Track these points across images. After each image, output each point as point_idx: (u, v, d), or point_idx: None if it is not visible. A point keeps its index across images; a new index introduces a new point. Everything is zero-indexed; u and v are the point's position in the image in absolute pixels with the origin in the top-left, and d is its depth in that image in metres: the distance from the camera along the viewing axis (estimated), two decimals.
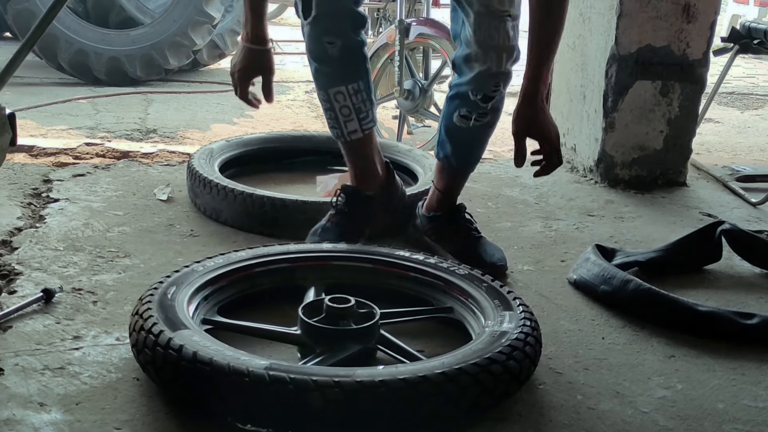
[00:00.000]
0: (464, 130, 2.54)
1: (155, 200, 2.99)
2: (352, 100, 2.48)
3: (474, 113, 2.51)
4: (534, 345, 1.92)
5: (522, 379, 1.86)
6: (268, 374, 1.68)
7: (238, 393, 1.69)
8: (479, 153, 2.66)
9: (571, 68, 3.67)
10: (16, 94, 5.65)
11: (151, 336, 1.81)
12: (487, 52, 2.40)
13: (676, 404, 1.93)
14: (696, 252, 2.69)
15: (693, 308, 2.28)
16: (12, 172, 3.14)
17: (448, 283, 2.23)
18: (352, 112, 2.49)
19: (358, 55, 2.45)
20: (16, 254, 2.49)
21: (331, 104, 2.49)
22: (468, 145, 2.62)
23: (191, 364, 1.72)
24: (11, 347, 1.99)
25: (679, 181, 3.52)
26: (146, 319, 1.86)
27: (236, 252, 2.29)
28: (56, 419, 1.73)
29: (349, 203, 2.60)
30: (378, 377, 1.69)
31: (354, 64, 2.46)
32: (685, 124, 3.47)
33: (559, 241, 2.87)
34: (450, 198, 2.68)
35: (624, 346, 2.19)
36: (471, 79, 2.46)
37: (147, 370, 1.84)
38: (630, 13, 3.32)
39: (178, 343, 1.77)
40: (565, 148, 3.73)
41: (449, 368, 1.74)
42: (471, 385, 1.74)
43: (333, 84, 2.47)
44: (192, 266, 2.16)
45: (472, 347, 1.87)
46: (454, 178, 2.67)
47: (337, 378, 1.68)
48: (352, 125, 2.51)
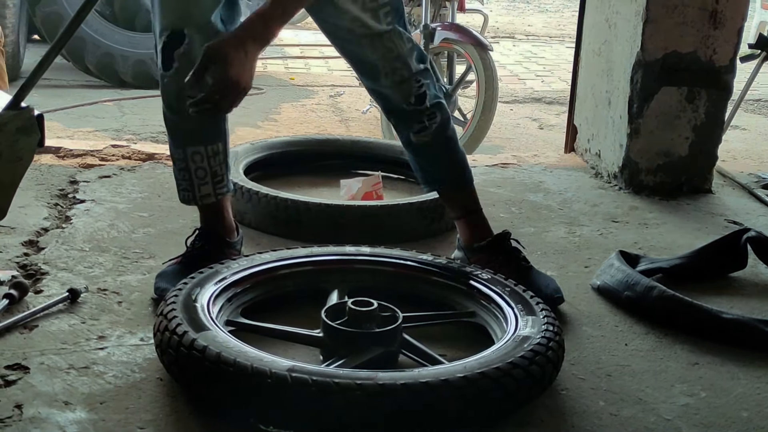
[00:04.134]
0: (429, 145, 2.43)
1: (179, 202, 3.00)
2: (209, 162, 2.34)
3: (423, 119, 2.39)
4: (556, 350, 1.92)
5: (544, 383, 1.86)
6: (290, 376, 1.68)
7: (261, 394, 1.70)
8: (461, 153, 2.52)
9: (597, 74, 3.66)
10: (43, 96, 5.70)
11: (175, 337, 1.82)
12: (393, 64, 2.33)
13: (700, 412, 1.92)
14: (721, 259, 2.68)
15: (718, 316, 2.27)
16: (39, 173, 3.16)
17: (470, 287, 2.23)
18: (207, 174, 2.34)
19: (219, 119, 2.33)
20: (42, 254, 2.51)
21: (186, 164, 2.33)
22: (444, 156, 2.49)
23: (215, 365, 1.73)
24: (37, 346, 2.00)
25: (704, 188, 3.50)
26: (170, 320, 1.88)
27: (260, 254, 2.30)
28: (81, 418, 1.75)
29: (205, 245, 2.39)
30: (400, 380, 1.70)
31: (214, 123, 2.33)
32: (710, 130, 3.45)
33: (583, 246, 2.86)
34: (479, 217, 2.52)
35: (647, 353, 2.18)
36: (393, 96, 2.36)
37: (171, 371, 1.85)
38: (656, 19, 3.30)
39: (202, 344, 1.78)
40: (590, 153, 3.72)
41: (471, 372, 1.74)
42: (493, 389, 1.74)
43: (191, 143, 2.32)
44: (216, 268, 2.18)
45: (494, 351, 1.87)
46: (464, 196, 2.53)
47: (359, 381, 1.68)
48: (205, 189, 2.36)
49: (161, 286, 2.26)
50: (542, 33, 10.44)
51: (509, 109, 6.26)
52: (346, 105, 6.04)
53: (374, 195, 3.08)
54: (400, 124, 2.45)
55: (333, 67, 7.20)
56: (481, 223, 2.52)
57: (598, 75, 3.66)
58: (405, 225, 2.80)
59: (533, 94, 7.05)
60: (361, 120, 5.57)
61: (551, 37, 10.04)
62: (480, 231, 2.51)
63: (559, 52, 8.94)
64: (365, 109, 5.52)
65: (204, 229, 2.42)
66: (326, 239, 2.55)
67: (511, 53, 8.77)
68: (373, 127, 5.54)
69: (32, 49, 7.32)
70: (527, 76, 7.68)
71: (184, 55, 2.17)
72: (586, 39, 3.80)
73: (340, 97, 6.23)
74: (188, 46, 2.16)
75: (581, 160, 3.80)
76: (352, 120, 5.64)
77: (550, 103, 6.73)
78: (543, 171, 3.64)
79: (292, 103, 5.93)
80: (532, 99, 6.90)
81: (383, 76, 2.34)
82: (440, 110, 2.43)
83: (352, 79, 6.43)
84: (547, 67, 8.15)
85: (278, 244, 2.64)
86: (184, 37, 2.17)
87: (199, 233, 2.40)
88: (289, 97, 6.09)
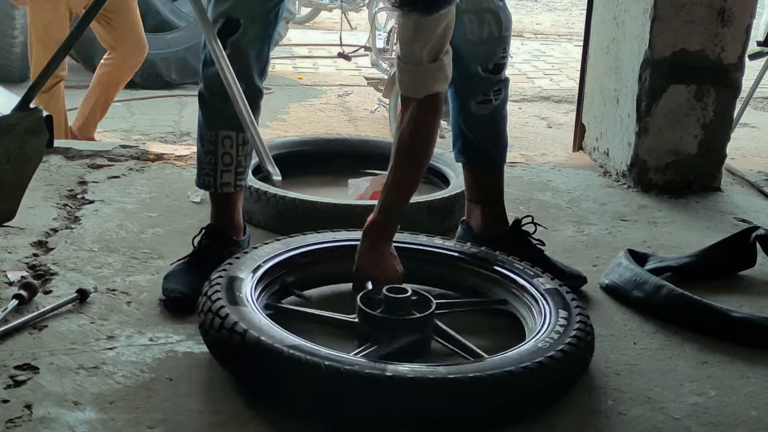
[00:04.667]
0: (486, 117, 2.45)
1: (188, 202, 3.01)
2: (237, 150, 2.35)
3: (490, 92, 2.42)
4: (586, 349, 1.95)
5: (573, 380, 1.91)
6: (288, 352, 1.74)
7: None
8: (506, 136, 2.56)
9: (605, 72, 3.66)
10: None
11: (218, 318, 1.87)
12: (483, 15, 2.32)
13: (709, 411, 1.91)
14: (730, 257, 2.67)
15: (727, 314, 2.27)
16: (48, 173, 3.17)
17: (503, 276, 2.26)
18: (232, 162, 2.36)
19: (255, 105, 2.31)
20: (51, 255, 2.52)
21: (215, 147, 2.34)
22: (496, 131, 2.52)
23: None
24: (47, 346, 2.01)
25: (713, 186, 3.49)
26: (214, 301, 1.92)
27: (303, 236, 2.34)
28: (90, 418, 1.75)
29: (211, 243, 2.38)
30: (409, 375, 1.72)
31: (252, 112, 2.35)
32: (719, 128, 3.44)
33: (591, 245, 2.85)
34: (501, 206, 2.57)
35: (656, 352, 2.17)
36: (476, 53, 2.36)
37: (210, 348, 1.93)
38: (664, 17, 3.30)
39: (241, 326, 1.83)
40: (598, 152, 3.71)
41: (499, 369, 1.77)
42: (520, 386, 1.77)
43: (225, 126, 2.32)
44: (260, 247, 2.24)
45: (524, 348, 1.89)
46: (495, 177, 2.57)
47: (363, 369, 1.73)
48: (227, 177, 2.37)
49: (169, 287, 2.26)
50: (550, 31, 10.42)
51: (518, 107, 6.25)
52: (355, 104, 6.04)
53: None
54: (465, 89, 2.44)
55: (341, 66, 7.20)
56: (501, 212, 2.56)
57: (606, 73, 3.65)
58: (414, 223, 2.78)
59: (542, 93, 7.04)
60: (369, 119, 5.57)
61: (559, 36, 10.02)
62: (498, 219, 2.54)
63: (568, 51, 8.92)
64: (373, 108, 5.52)
65: (211, 226, 2.42)
66: None
67: (520, 51, 8.74)
68: (382, 127, 5.54)
69: None
70: (535, 75, 7.67)
71: (236, 42, 2.22)
72: (594, 37, 3.79)
73: (348, 97, 6.23)
74: (241, 34, 2.19)
75: (589, 159, 3.79)
76: (361, 119, 5.64)
77: (559, 101, 6.71)
78: (551, 170, 3.63)
79: (300, 102, 5.93)
80: (541, 97, 6.89)
81: (475, 26, 2.33)
82: (506, 87, 2.47)
83: (360, 78, 6.44)
84: (555, 66, 8.14)
85: None
86: (239, 25, 2.21)
87: (206, 232, 2.41)
88: (297, 97, 6.09)
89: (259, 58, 2.30)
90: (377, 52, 6.49)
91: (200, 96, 2.36)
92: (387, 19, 6.85)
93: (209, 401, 1.83)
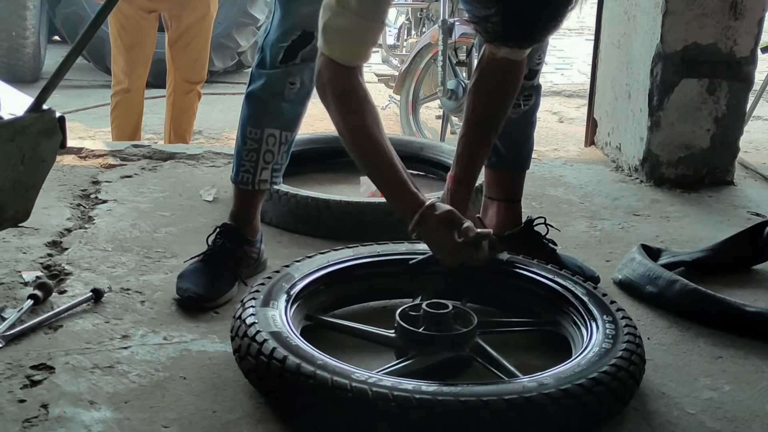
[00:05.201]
0: (514, 121, 2.40)
1: (201, 201, 3.02)
2: (279, 149, 2.38)
3: (521, 96, 2.38)
4: (638, 364, 1.87)
5: (625, 399, 1.82)
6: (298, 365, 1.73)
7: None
8: (532, 141, 2.55)
9: (616, 66, 3.65)
10: (64, 97, 5.75)
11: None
12: None
13: (724, 406, 1.91)
14: (743, 252, 2.66)
15: (741, 309, 2.26)
16: (62, 173, 3.19)
17: (558, 295, 2.15)
18: (273, 160, 2.38)
19: (303, 105, 2.39)
20: (66, 255, 2.53)
21: (259, 145, 2.36)
22: (521, 136, 2.49)
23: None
24: (62, 346, 2.02)
25: (726, 180, 3.47)
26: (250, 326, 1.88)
27: (343, 250, 2.27)
28: (106, 417, 1.76)
29: (225, 242, 2.37)
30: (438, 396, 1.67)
31: (298, 112, 2.39)
32: (732, 122, 3.43)
33: (604, 240, 2.85)
34: (518, 207, 2.53)
35: (670, 347, 2.17)
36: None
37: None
38: (676, 11, 3.28)
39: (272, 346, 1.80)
40: (610, 147, 3.70)
41: (537, 392, 1.70)
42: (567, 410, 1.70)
43: (272, 124, 2.35)
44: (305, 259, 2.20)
45: (570, 366, 1.81)
46: (515, 181, 2.54)
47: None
48: (265, 174, 2.39)
49: (183, 286, 2.27)
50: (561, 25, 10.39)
51: None
52: None
53: None
54: None
55: None
56: (517, 213, 2.53)
57: (617, 68, 3.64)
58: None
59: (553, 88, 7.03)
60: (380, 116, 5.57)
61: (570, 30, 9.99)
62: (514, 219, 2.52)
63: (579, 45, 8.91)
64: (385, 104, 5.53)
65: (226, 225, 2.42)
66: (346, 237, 2.55)
67: None
68: (393, 123, 5.54)
69: (53, 50, 7.38)
70: (547, 69, 7.65)
71: (307, 53, 2.24)
72: (605, 32, 3.78)
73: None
74: (314, 46, 2.17)
75: (602, 154, 3.78)
76: None
77: (570, 96, 6.71)
78: (563, 165, 3.63)
79: (312, 100, 5.91)
80: (552, 92, 6.88)
81: None
82: (537, 94, 2.46)
83: (371, 75, 6.43)
84: (566, 60, 8.13)
85: (299, 243, 2.66)
86: (312, 38, 2.20)
87: (220, 231, 2.41)
88: None
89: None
90: (387, 48, 6.49)
91: (251, 94, 2.37)
92: (397, 15, 6.86)
93: (223, 400, 1.84)
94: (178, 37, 4.42)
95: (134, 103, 4.47)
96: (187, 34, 4.40)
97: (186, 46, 4.43)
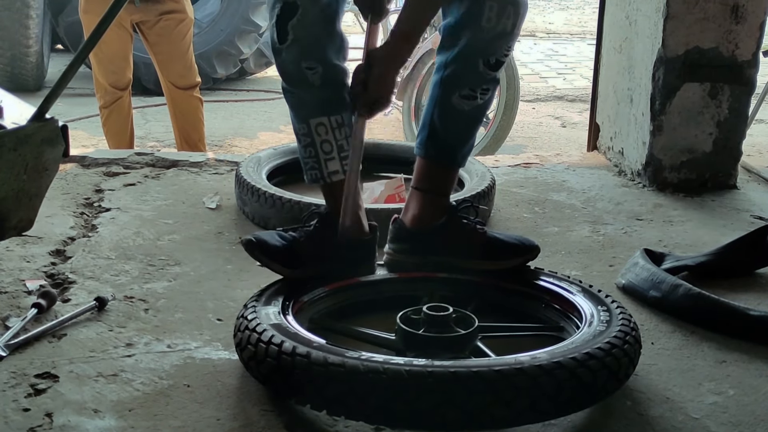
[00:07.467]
0: (463, 114, 2.31)
1: (204, 208, 3.02)
2: (334, 135, 2.26)
3: (478, 89, 2.29)
4: (633, 344, 1.91)
5: (620, 376, 1.86)
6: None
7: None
8: (474, 141, 2.42)
9: (618, 71, 3.65)
10: (67, 105, 5.75)
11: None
12: (506, 7, 2.19)
13: (728, 410, 1.91)
14: (747, 256, 2.66)
15: (745, 313, 2.26)
16: (65, 182, 3.19)
17: (562, 301, 2.17)
18: (333, 148, 2.27)
19: (339, 85, 2.26)
20: (69, 263, 2.53)
21: (312, 138, 2.26)
22: (468, 131, 2.38)
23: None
24: (66, 354, 2.03)
25: (729, 184, 3.47)
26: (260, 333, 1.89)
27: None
28: (110, 425, 1.76)
29: (319, 230, 2.28)
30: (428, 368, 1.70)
31: (336, 93, 2.25)
32: (734, 126, 3.43)
33: (608, 245, 2.85)
34: (443, 201, 2.37)
35: (674, 351, 2.17)
36: (483, 44, 2.23)
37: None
38: (677, 15, 3.29)
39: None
40: (613, 151, 3.71)
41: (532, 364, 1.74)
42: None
43: (314, 114, 2.25)
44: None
45: (564, 344, 1.87)
46: (449, 176, 2.39)
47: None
48: (333, 164, 2.28)
49: (258, 237, 2.21)
50: (563, 30, 10.41)
51: (531, 107, 6.26)
52: None
53: (397, 198, 3.08)
54: (454, 78, 2.29)
55: None
56: (443, 208, 2.36)
57: (619, 72, 3.64)
58: None
59: (555, 92, 7.04)
60: (383, 122, 5.58)
61: (572, 35, 10.02)
62: (440, 212, 2.35)
63: (581, 50, 8.92)
64: (387, 111, 5.53)
65: (324, 213, 2.33)
66: None
67: (533, 51, 8.75)
68: (396, 129, 5.54)
69: (56, 58, 7.39)
70: (549, 74, 7.67)
71: (296, 25, 2.16)
72: (606, 36, 3.79)
73: None
74: (301, 16, 2.14)
75: (604, 159, 3.78)
76: (374, 122, 5.62)
77: (573, 100, 6.71)
78: (566, 170, 3.63)
79: None
80: (554, 97, 6.89)
81: (494, 15, 2.20)
82: (494, 89, 2.34)
83: None
84: (568, 65, 8.13)
85: None
86: (297, 7, 2.15)
87: (320, 217, 2.31)
88: None
89: (331, 34, 2.23)
90: None
91: (283, 90, 2.32)
92: None
93: (227, 408, 1.84)
94: (159, 45, 4.37)
95: (123, 108, 4.46)
96: (166, 41, 4.37)
97: (169, 53, 4.39)
